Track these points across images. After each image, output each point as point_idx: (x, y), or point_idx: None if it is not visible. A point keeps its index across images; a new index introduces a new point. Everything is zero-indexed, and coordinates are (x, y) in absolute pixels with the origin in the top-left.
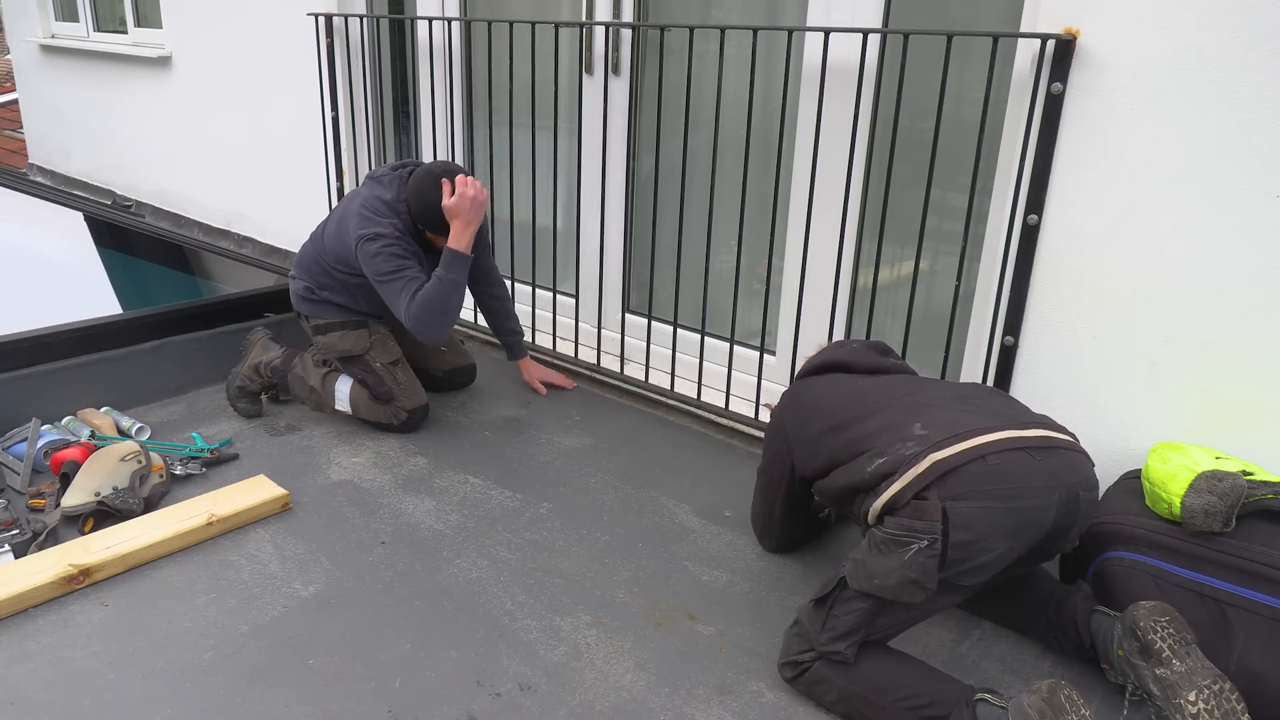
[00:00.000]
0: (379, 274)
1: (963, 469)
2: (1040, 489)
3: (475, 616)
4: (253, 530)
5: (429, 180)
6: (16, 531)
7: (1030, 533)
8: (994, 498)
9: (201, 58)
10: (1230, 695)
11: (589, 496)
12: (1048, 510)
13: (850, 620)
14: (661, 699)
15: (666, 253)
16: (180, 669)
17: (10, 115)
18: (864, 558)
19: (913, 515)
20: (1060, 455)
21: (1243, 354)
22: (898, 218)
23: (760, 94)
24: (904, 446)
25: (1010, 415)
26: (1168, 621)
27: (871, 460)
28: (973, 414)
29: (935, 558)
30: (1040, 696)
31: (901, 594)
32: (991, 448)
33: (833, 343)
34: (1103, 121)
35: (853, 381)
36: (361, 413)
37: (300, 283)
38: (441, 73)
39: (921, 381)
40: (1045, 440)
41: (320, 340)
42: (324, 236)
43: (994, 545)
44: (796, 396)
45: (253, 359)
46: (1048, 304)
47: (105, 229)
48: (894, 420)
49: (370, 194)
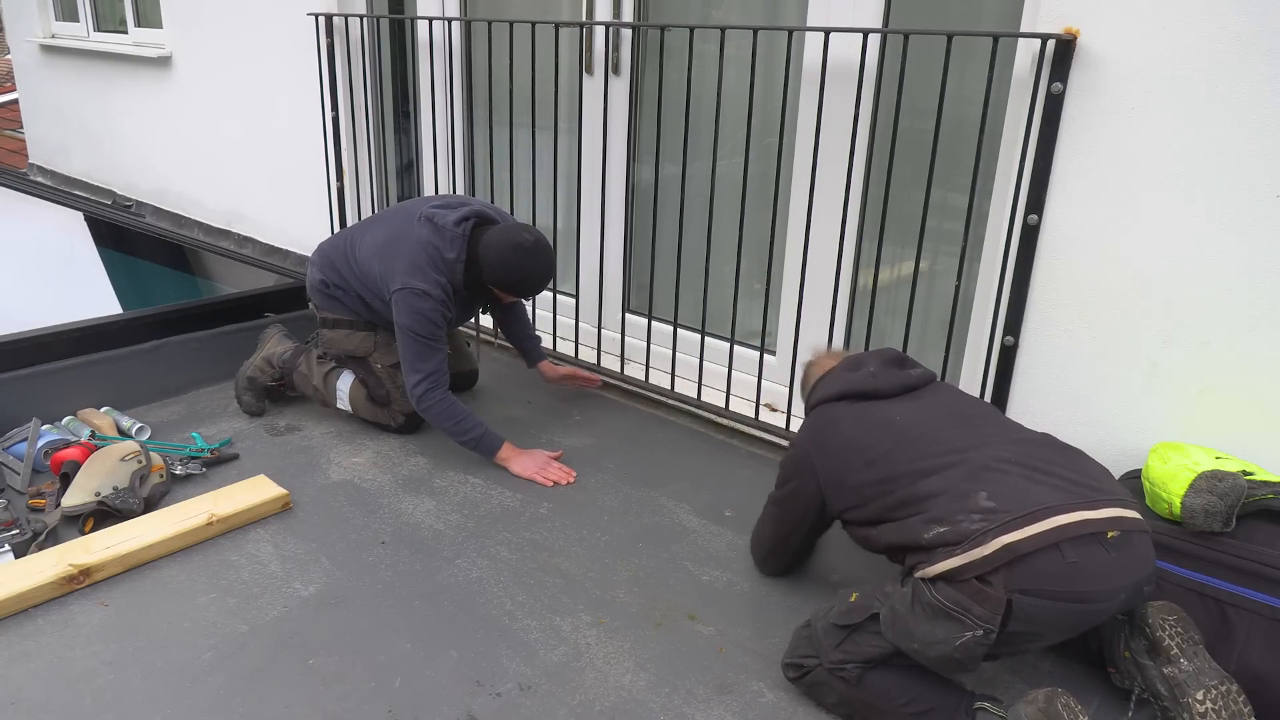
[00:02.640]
0: (410, 330)
1: (1035, 560)
2: (1111, 591)
3: (475, 616)
4: (253, 530)
5: (515, 255)
6: (16, 531)
7: (1085, 626)
8: (1064, 599)
9: (202, 58)
10: (1237, 697)
11: (589, 496)
12: (1111, 608)
13: (869, 652)
14: (661, 699)
15: (667, 252)
16: (180, 669)
17: (10, 115)
18: (906, 614)
19: (973, 598)
20: (1133, 547)
21: (1243, 354)
22: (898, 218)
23: (760, 94)
24: (969, 520)
25: (1080, 485)
26: (1175, 620)
27: (929, 526)
28: (1042, 485)
29: (985, 645)
30: (1037, 706)
31: (939, 666)
32: (1066, 534)
33: (847, 359)
34: (1103, 121)
35: (886, 412)
36: (360, 412)
37: (319, 274)
38: (441, 73)
39: (972, 422)
40: (1118, 523)
41: (326, 334)
42: (359, 246)
43: (1047, 638)
44: (823, 430)
45: (266, 351)
46: (1048, 304)
47: (105, 229)
48: (954, 486)
49: (429, 241)
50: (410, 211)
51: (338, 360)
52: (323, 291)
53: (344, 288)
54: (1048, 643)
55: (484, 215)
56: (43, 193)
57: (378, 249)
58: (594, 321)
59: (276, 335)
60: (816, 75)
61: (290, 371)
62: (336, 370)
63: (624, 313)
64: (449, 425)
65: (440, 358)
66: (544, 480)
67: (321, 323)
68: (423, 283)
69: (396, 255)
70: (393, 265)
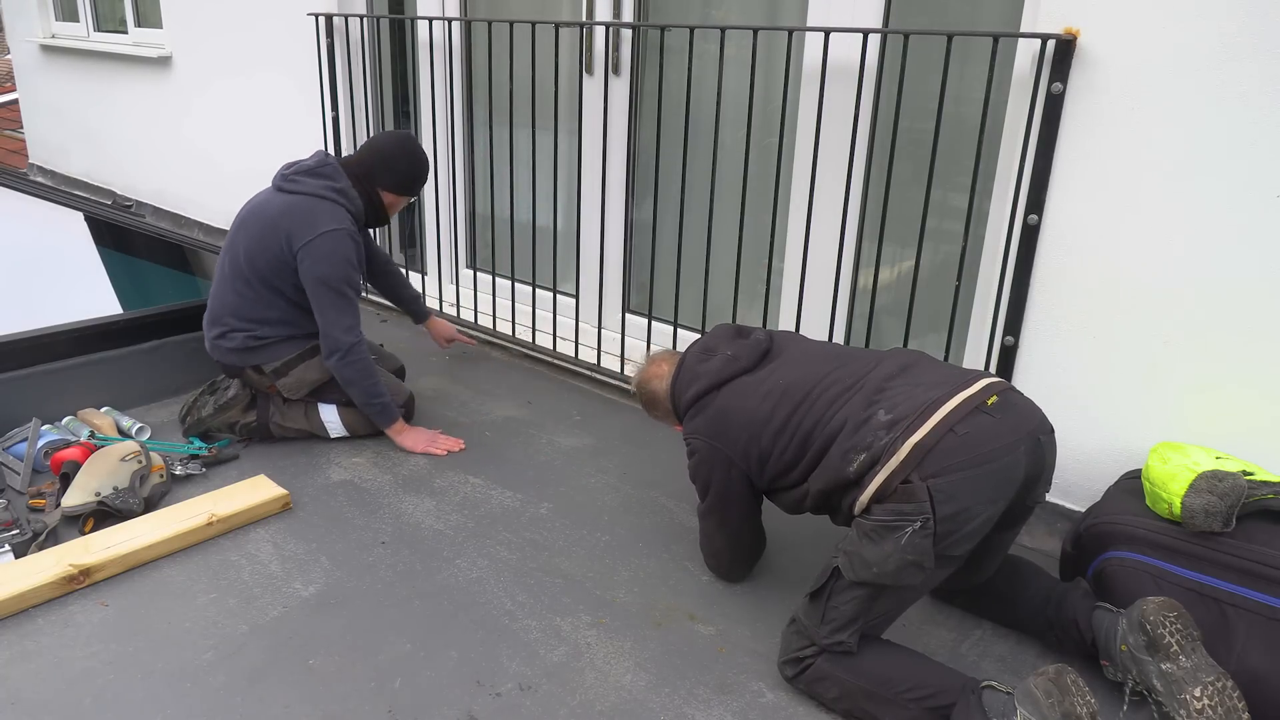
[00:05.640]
0: (328, 281)
1: (937, 447)
2: (1008, 446)
3: (475, 616)
4: (253, 530)
5: (405, 144)
6: (16, 531)
7: (1007, 489)
8: (970, 467)
9: (202, 58)
10: (1233, 693)
11: (589, 496)
12: (1018, 464)
13: (849, 609)
14: (661, 699)
15: (667, 253)
16: (180, 669)
17: (10, 115)
18: (856, 548)
19: (901, 500)
20: (1014, 407)
21: (1243, 354)
22: (898, 218)
23: (760, 94)
24: (876, 438)
25: (950, 376)
26: (1175, 617)
27: (848, 457)
28: (922, 385)
29: (929, 537)
30: (1047, 678)
31: (901, 577)
32: (955, 417)
33: (688, 354)
34: (1103, 121)
35: (765, 383)
36: (361, 431)
37: (238, 335)
38: (441, 73)
39: (840, 357)
40: (991, 388)
41: (284, 383)
42: (244, 260)
43: (978, 510)
44: (715, 421)
45: (230, 417)
46: (1048, 304)
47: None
48: (855, 414)
49: (313, 187)
50: (261, 201)
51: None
52: (253, 349)
53: (269, 319)
54: (990, 520)
55: (333, 152)
56: (43, 193)
57: (265, 233)
58: (594, 321)
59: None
60: (816, 75)
61: (265, 427)
62: (313, 405)
63: (624, 313)
64: (366, 383)
65: (359, 314)
66: (438, 450)
67: (274, 375)
68: (331, 222)
69: (292, 216)
70: (294, 226)
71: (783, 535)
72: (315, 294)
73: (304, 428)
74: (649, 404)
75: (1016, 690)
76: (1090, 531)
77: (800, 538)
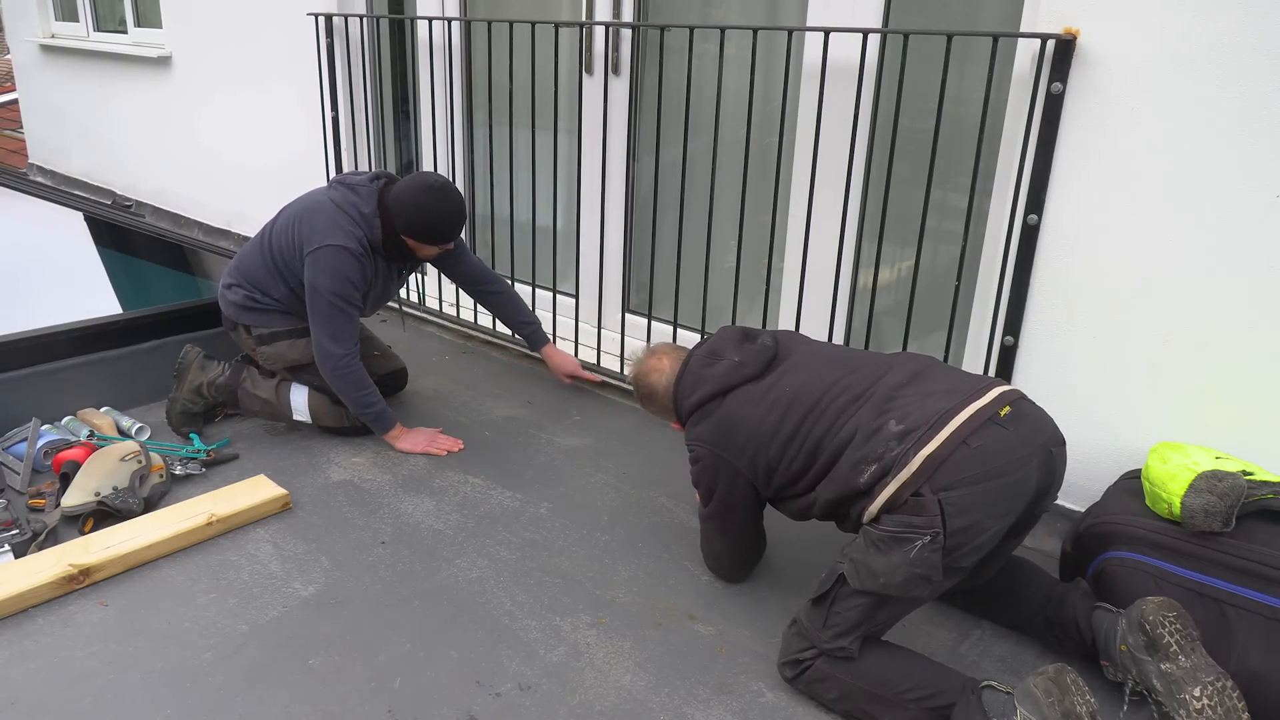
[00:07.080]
0: (326, 292)
1: (948, 460)
2: (1020, 460)
3: (475, 616)
4: (253, 530)
5: (426, 195)
6: (16, 531)
7: (1018, 502)
8: (982, 480)
9: (202, 58)
10: (1232, 693)
11: (589, 496)
12: (1030, 477)
13: (852, 616)
14: (661, 699)
15: (666, 252)
16: (180, 669)
17: (10, 115)
18: (864, 557)
19: (911, 512)
20: (1026, 418)
21: (1243, 354)
22: (898, 218)
23: (760, 94)
24: (887, 449)
25: (962, 384)
26: (1175, 617)
27: (858, 468)
28: (934, 395)
29: (939, 551)
30: (1047, 677)
31: (909, 590)
32: (968, 429)
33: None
34: (1103, 121)
35: (773, 391)
36: (324, 420)
37: (240, 291)
38: (441, 73)
39: (849, 363)
40: (1004, 397)
41: (265, 350)
42: (273, 234)
43: (988, 524)
44: (722, 428)
45: (192, 381)
46: (1048, 304)
47: (105, 229)
48: (866, 424)
49: (344, 199)
50: (309, 194)
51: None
52: (250, 308)
53: (274, 291)
54: (1000, 533)
55: (395, 176)
56: (43, 193)
57: (291, 224)
58: (594, 321)
59: (198, 360)
60: (816, 75)
61: (233, 391)
62: (286, 383)
63: (624, 312)
64: (358, 394)
65: (355, 328)
66: (437, 450)
67: (258, 340)
68: (340, 238)
69: (312, 220)
70: (309, 230)
71: (783, 536)
72: (310, 300)
73: (270, 400)
74: (646, 397)
75: (1016, 690)
76: (1090, 531)
77: (800, 539)
